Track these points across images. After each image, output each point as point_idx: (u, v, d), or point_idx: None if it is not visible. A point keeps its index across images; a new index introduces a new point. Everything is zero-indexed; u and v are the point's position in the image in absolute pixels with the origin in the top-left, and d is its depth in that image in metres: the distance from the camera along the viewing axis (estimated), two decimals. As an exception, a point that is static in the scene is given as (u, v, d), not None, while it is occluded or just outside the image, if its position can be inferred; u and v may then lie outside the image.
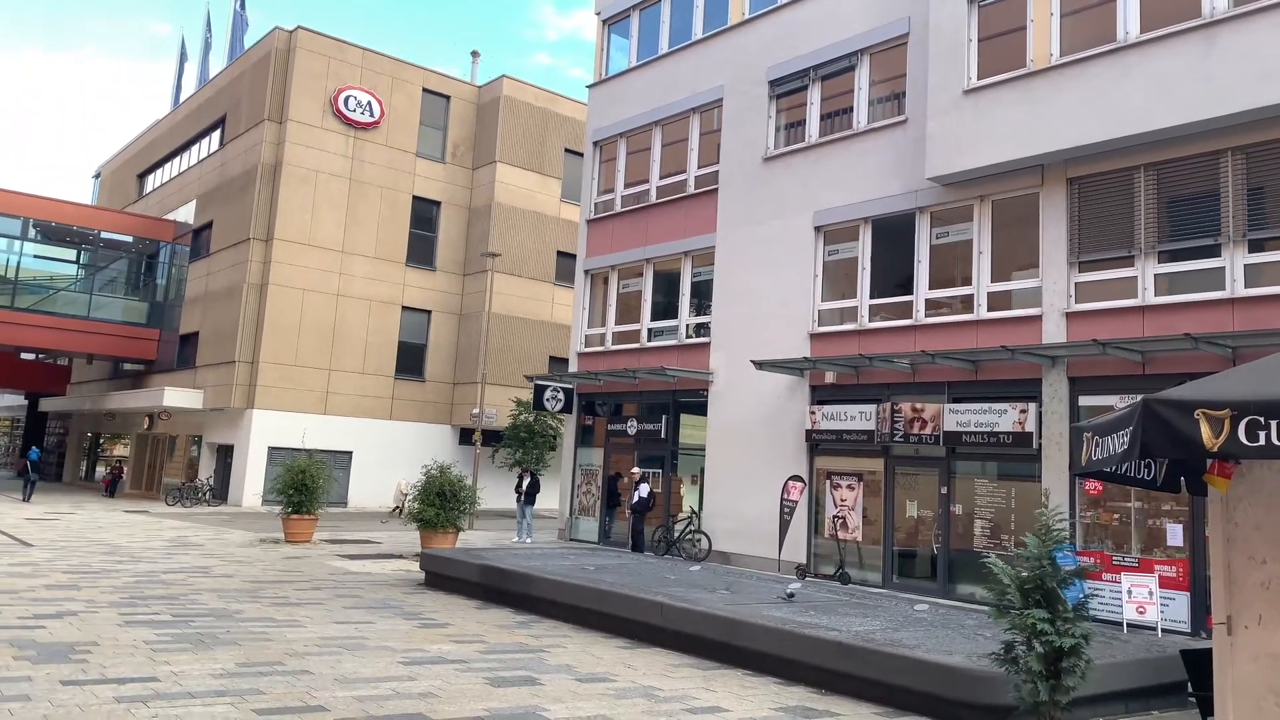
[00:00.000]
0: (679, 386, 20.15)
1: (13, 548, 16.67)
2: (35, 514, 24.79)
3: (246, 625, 10.17)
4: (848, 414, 16.51)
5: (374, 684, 7.78)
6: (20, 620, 9.78)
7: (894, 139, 16.87)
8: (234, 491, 31.07)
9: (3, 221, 34.87)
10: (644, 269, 21.82)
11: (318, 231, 32.11)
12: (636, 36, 23.50)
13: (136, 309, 37.69)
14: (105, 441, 43.26)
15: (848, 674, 8.36)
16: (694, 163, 21.17)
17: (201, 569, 14.89)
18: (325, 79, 32.66)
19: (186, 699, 6.97)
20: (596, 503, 22.20)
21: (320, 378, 31.88)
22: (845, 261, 17.62)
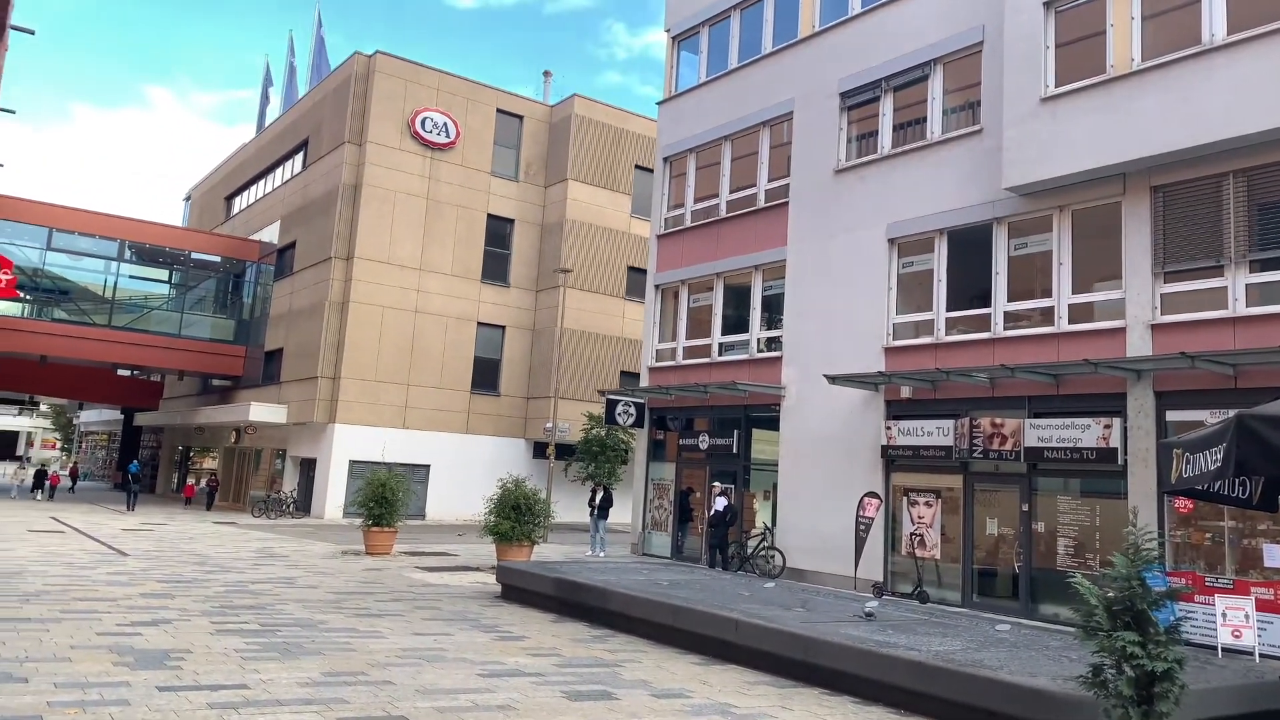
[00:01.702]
0: (750, 401, 20.09)
1: (111, 557, 17.40)
2: (130, 524, 25.82)
3: (330, 635, 10.44)
4: (924, 429, 16.26)
5: (453, 695, 7.93)
6: (118, 627, 10.20)
7: (969, 149, 16.62)
8: (316, 504, 31.91)
9: (101, 244, 36.54)
10: (714, 283, 21.84)
11: (396, 250, 32.91)
12: (706, 52, 23.61)
13: (224, 326, 39.10)
14: (195, 454, 44.84)
15: (928, 694, 8.23)
16: (764, 176, 21.15)
17: (286, 580, 15.34)
18: (403, 101, 33.52)
19: (275, 706, 7.19)
20: (669, 517, 22.21)
21: (399, 392, 32.60)
22: (920, 274, 17.39)
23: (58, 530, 22.87)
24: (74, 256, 36.31)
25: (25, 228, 34.74)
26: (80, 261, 36.53)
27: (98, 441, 62.06)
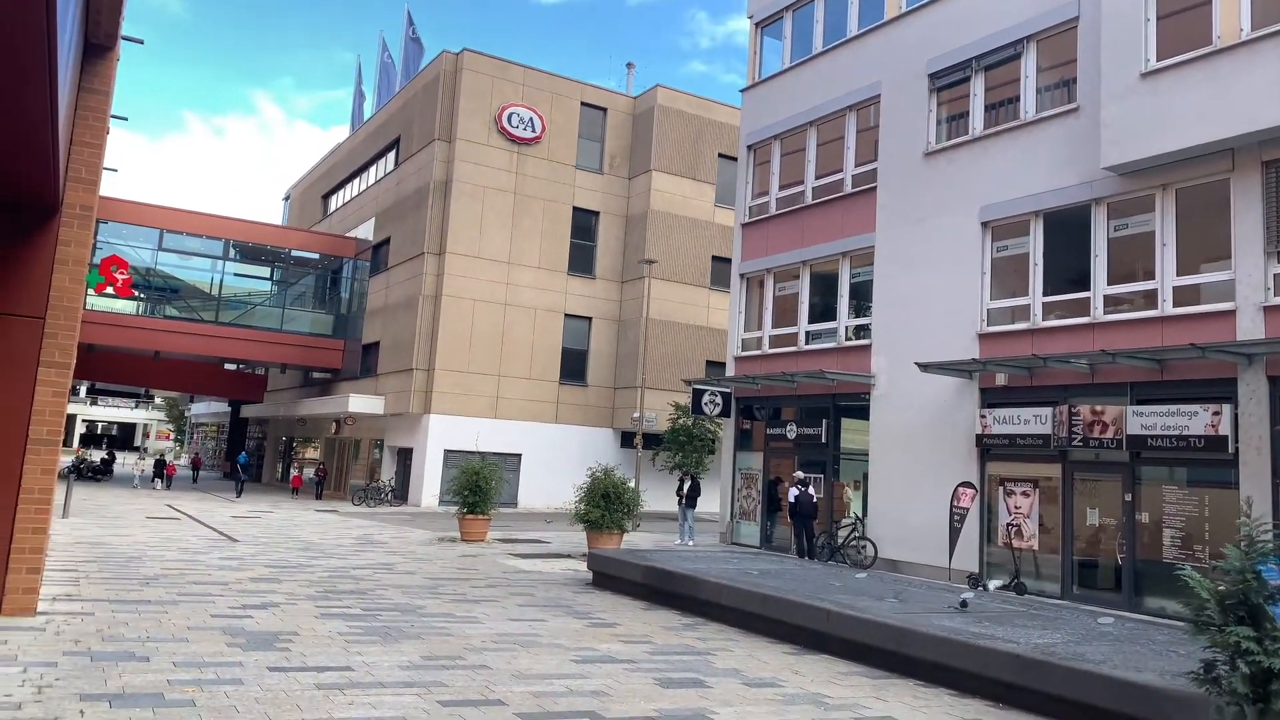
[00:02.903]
0: (839, 390, 19.89)
1: (222, 543, 18.26)
2: (240, 512, 27.01)
3: (428, 620, 10.78)
4: (1021, 417, 15.87)
5: (548, 680, 8.12)
6: (231, 610, 10.72)
7: (1065, 128, 16.10)
8: (413, 492, 32.84)
9: (208, 243, 38.19)
10: (800, 271, 21.66)
11: (486, 244, 33.55)
12: (790, 37, 23.37)
13: (323, 321, 40.47)
14: (298, 445, 46.55)
15: (1027, 688, 8.08)
16: (851, 161, 20.86)
17: (386, 566, 15.86)
18: (490, 98, 34.09)
19: (378, 688, 7.49)
20: (757, 507, 22.18)
21: (490, 383, 33.27)
22: (1015, 258, 16.95)
23: (173, 517, 24.08)
24: (183, 256, 38.03)
25: (139, 230, 36.54)
26: (189, 261, 38.25)
27: (208, 433, 64.99)
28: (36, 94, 6.06)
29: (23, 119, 6.65)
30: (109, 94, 10.03)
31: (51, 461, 9.45)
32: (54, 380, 9.47)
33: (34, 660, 7.61)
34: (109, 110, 10.19)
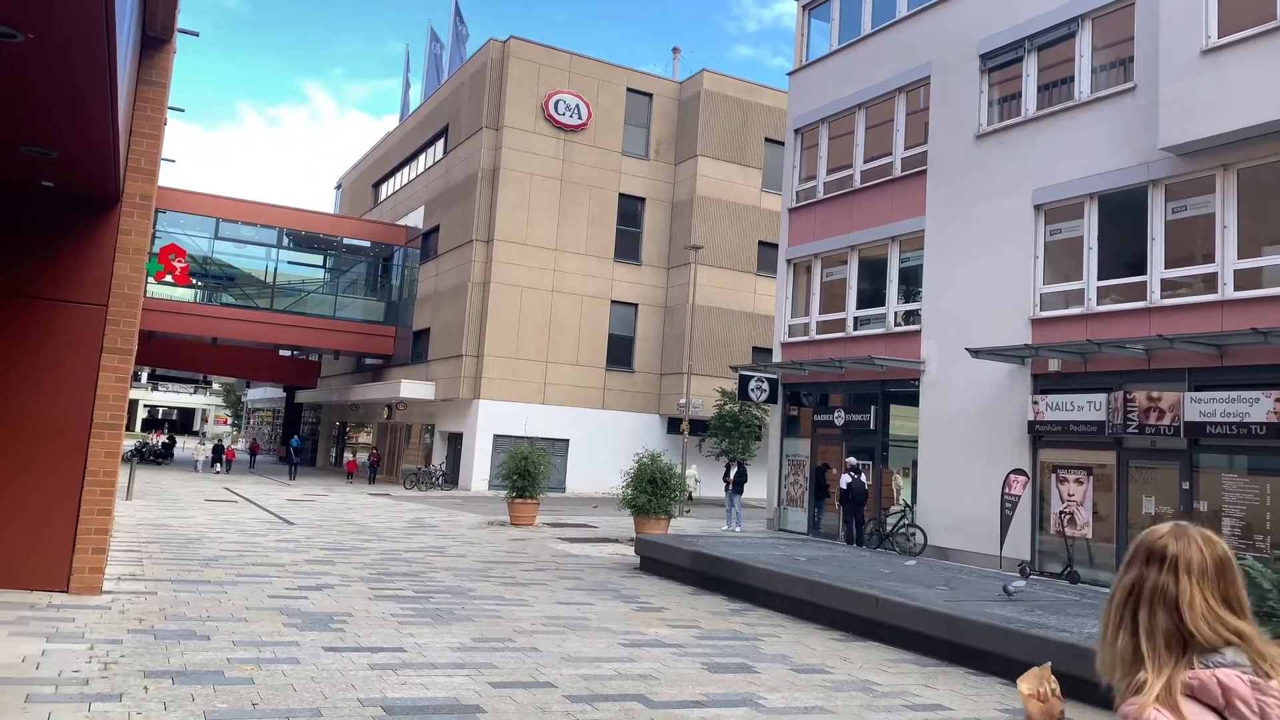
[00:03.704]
0: (888, 376, 19.70)
1: (279, 526, 18.68)
2: (295, 495, 27.58)
3: (479, 603, 10.94)
4: (1075, 404, 15.60)
5: (596, 663, 8.20)
6: (287, 591, 10.98)
7: (1121, 108, 15.72)
8: (464, 476, 33.25)
9: (262, 232, 38.91)
10: (848, 256, 21.45)
11: (533, 231, 33.73)
12: (838, 19, 23.08)
13: (375, 308, 41.06)
14: (351, 430, 47.36)
15: (1081, 679, 7.97)
16: (900, 144, 20.58)
17: (437, 549, 16.11)
18: (536, 85, 34.18)
19: (430, 669, 7.63)
20: (804, 493, 22.10)
21: (538, 370, 33.51)
22: (1069, 241, 16.62)
23: (231, 500, 24.67)
24: (239, 245, 38.79)
25: (196, 219, 37.34)
26: (244, 249, 39.01)
27: (264, 418, 66.34)
28: (97, 87, 6.22)
29: (84, 111, 6.84)
30: (166, 86, 10.25)
31: (115, 445, 9.74)
32: (116, 366, 9.75)
33: (100, 638, 7.87)
34: (166, 102, 10.41)
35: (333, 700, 6.51)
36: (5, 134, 7.77)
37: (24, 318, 9.48)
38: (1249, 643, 1.70)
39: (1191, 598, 1.74)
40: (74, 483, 9.48)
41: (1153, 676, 1.70)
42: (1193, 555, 1.77)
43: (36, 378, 9.45)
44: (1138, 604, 1.79)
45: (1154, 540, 1.83)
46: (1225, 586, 1.76)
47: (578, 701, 6.92)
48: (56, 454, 9.43)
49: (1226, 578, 1.76)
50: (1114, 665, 1.80)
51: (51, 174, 8.91)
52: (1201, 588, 1.75)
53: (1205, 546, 1.78)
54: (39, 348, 9.50)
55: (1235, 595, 1.76)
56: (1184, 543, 1.79)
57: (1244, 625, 1.73)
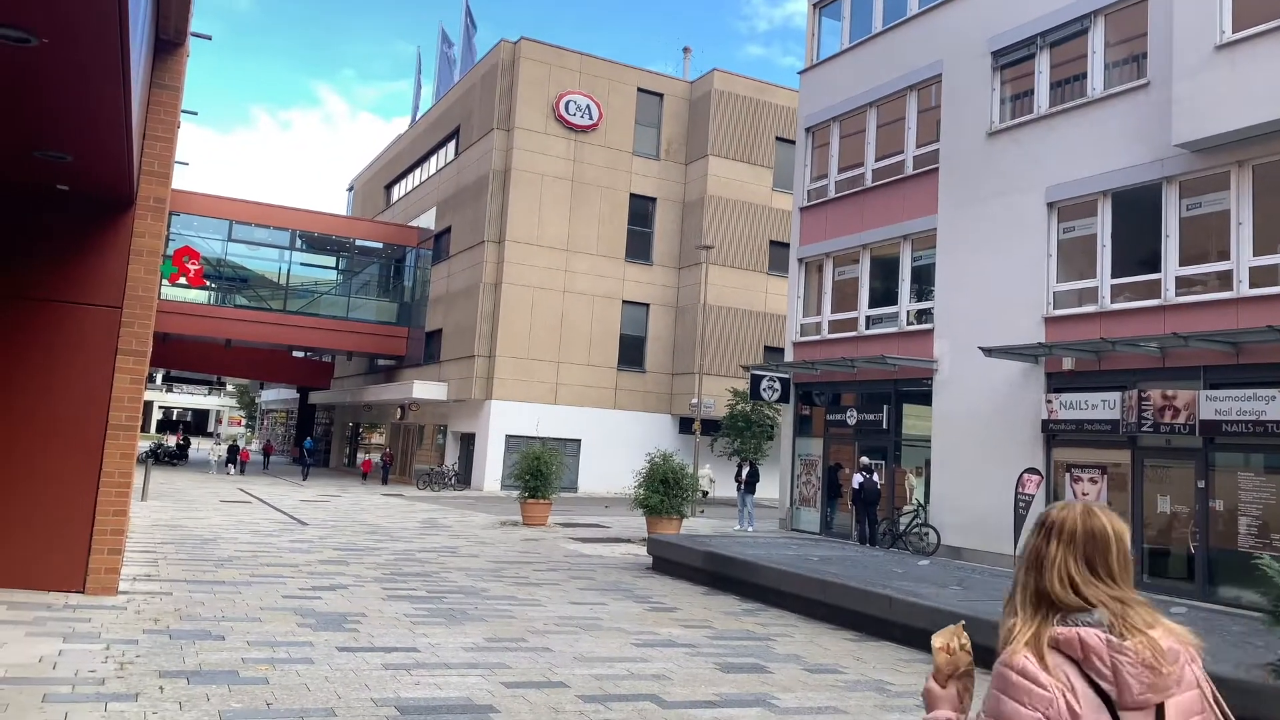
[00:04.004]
0: (900, 375, 19.64)
1: (292, 526, 18.75)
2: (308, 496, 27.70)
3: (492, 603, 10.96)
4: (1089, 402, 15.52)
5: (609, 663, 8.21)
6: (301, 591, 11.02)
7: (1134, 105, 15.63)
8: (476, 476, 33.33)
9: (275, 234, 39.09)
10: (860, 255, 21.40)
11: (544, 232, 33.78)
12: (848, 17, 23.03)
13: (387, 309, 41.20)
14: (364, 430, 47.53)
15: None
16: (911, 143, 20.52)
17: (450, 549, 16.15)
18: (547, 85, 34.23)
19: (443, 669, 7.64)
20: (817, 493, 22.06)
21: (550, 370, 33.57)
22: (1082, 239, 16.54)
23: (245, 501, 24.79)
24: (252, 247, 38.98)
25: (209, 221, 37.55)
26: (257, 251, 39.21)
27: (277, 419, 66.65)
28: (111, 91, 6.27)
29: (99, 114, 6.89)
30: (179, 89, 10.31)
31: (130, 446, 9.80)
32: (131, 368, 9.81)
33: (116, 638, 7.92)
34: (179, 105, 10.47)
35: (347, 700, 6.54)
36: (21, 138, 7.83)
37: (39, 320, 9.55)
38: (1113, 607, 1.88)
39: (1053, 560, 1.94)
40: (89, 484, 9.54)
41: (1022, 627, 1.92)
42: (1068, 524, 1.97)
43: (52, 380, 9.52)
44: (1025, 568, 2.01)
45: (1047, 512, 2.04)
46: (1094, 554, 1.92)
47: (591, 701, 6.92)
48: (72, 455, 9.50)
49: (1098, 547, 1.93)
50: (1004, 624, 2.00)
51: (66, 177, 8.97)
52: (1068, 553, 1.93)
53: (1085, 518, 1.97)
54: (54, 350, 9.57)
55: (1105, 564, 1.92)
56: (1067, 512, 1.99)
57: (1107, 591, 1.90)
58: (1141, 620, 1.89)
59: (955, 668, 2.10)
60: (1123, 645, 1.84)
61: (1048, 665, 1.84)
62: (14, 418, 9.36)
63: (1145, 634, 1.86)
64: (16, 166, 8.76)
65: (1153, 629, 1.88)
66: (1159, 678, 1.83)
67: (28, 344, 9.48)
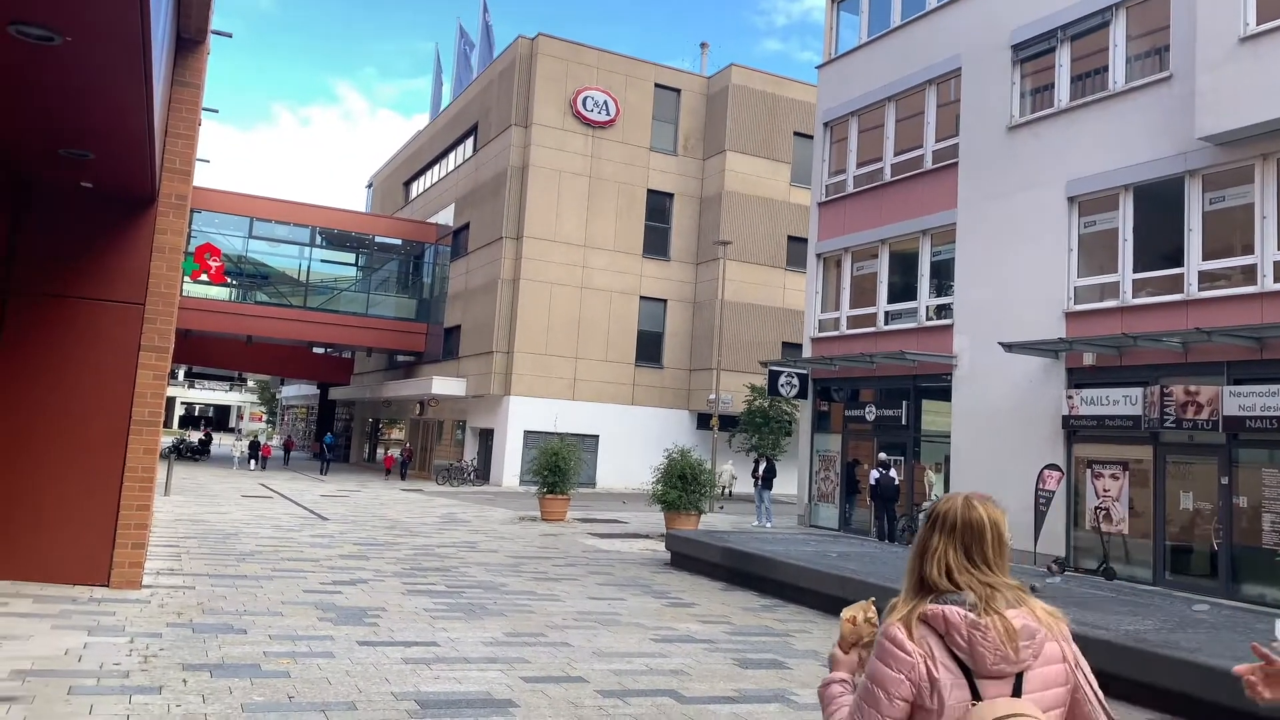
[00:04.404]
0: (919, 371, 19.55)
1: (313, 521, 18.88)
2: (329, 491, 27.88)
3: (511, 598, 11.00)
4: (1110, 398, 15.39)
5: (628, 659, 8.22)
6: (322, 585, 11.09)
7: (1157, 98, 15.48)
8: (495, 472, 33.44)
9: (295, 231, 39.33)
10: (879, 250, 21.31)
11: (562, 228, 33.82)
12: (867, 11, 22.92)
13: (406, 305, 41.39)
14: (384, 426, 47.79)
15: (1117, 675, 7.88)
16: (930, 137, 20.40)
17: (469, 544, 16.22)
18: (565, 82, 34.25)
19: (463, 663, 7.68)
20: (835, 489, 22.00)
21: (568, 366, 33.62)
22: (1103, 233, 16.40)
23: (266, 496, 24.98)
24: (272, 243, 39.24)
25: (230, 218, 37.82)
26: (278, 248, 39.46)
27: (298, 414, 67.10)
28: (133, 89, 6.32)
29: (121, 113, 6.95)
30: (200, 87, 10.39)
31: (153, 442, 9.90)
32: (154, 364, 9.90)
33: (140, 631, 8.01)
34: (200, 103, 10.54)
35: (367, 694, 6.58)
36: (44, 136, 7.91)
37: (64, 317, 9.66)
38: (980, 590, 2.13)
39: (934, 549, 2.20)
40: (114, 479, 9.64)
41: (901, 605, 2.20)
42: (949, 516, 2.22)
43: (76, 376, 9.62)
44: (913, 556, 2.27)
45: (934, 505, 2.28)
46: (971, 543, 2.18)
47: (609, 696, 6.94)
48: (96, 451, 9.60)
49: (975, 536, 2.18)
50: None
51: (89, 175, 9.06)
52: (948, 543, 2.19)
53: (965, 510, 2.21)
54: (78, 346, 9.67)
55: (981, 551, 2.17)
56: (950, 504, 2.24)
57: (979, 577, 2.15)
58: (1004, 602, 2.13)
59: (859, 637, 2.36)
60: (979, 623, 2.09)
61: (913, 636, 2.12)
62: (40, 414, 9.47)
63: (1002, 614, 2.11)
64: (41, 164, 8.86)
65: (1014, 610, 2.13)
66: (1011, 652, 2.08)
67: (53, 341, 9.59)
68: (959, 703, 2.09)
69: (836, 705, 2.26)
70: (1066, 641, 2.20)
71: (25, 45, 5.47)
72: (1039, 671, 2.14)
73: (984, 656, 2.09)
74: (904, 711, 2.11)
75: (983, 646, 2.09)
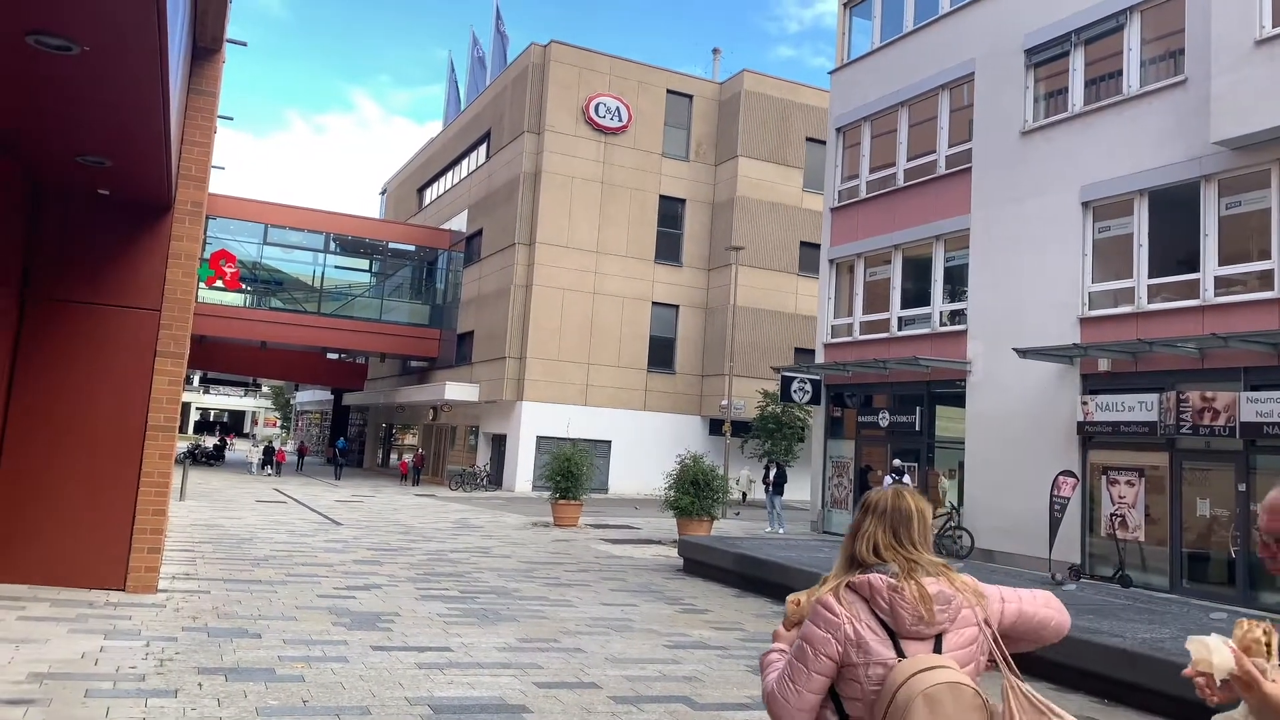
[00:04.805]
0: (933, 377, 19.49)
1: (327, 526, 18.95)
2: (343, 496, 27.97)
3: (524, 603, 11.01)
4: (1125, 404, 15.31)
5: (641, 665, 8.22)
6: (336, 590, 11.13)
7: (1172, 102, 15.41)
8: (508, 477, 33.49)
9: (309, 237, 39.53)
10: (892, 255, 21.26)
11: (574, 234, 33.88)
12: (879, 17, 22.90)
13: (420, 311, 41.53)
14: (397, 431, 47.91)
15: (1134, 685, 7.83)
16: (944, 142, 20.36)
17: (482, 549, 16.24)
18: (577, 88, 34.34)
19: (476, 669, 7.69)
20: (849, 495, 21.94)
21: (580, 371, 33.66)
22: (1118, 239, 16.32)
23: (280, 501, 25.08)
24: (286, 250, 39.46)
25: (245, 225, 38.05)
26: (292, 254, 39.67)
27: (312, 420, 67.36)
28: (150, 97, 6.38)
29: (138, 121, 7.02)
30: (216, 95, 10.47)
31: (169, 447, 9.96)
32: (170, 370, 9.96)
33: (156, 635, 8.05)
34: (216, 110, 10.62)
35: (381, 699, 6.60)
36: (63, 144, 7.99)
37: (81, 323, 9.74)
38: (903, 564, 2.38)
39: (865, 531, 2.47)
40: (130, 484, 9.70)
41: (832, 579, 2.47)
42: (880, 504, 2.49)
43: (93, 381, 9.70)
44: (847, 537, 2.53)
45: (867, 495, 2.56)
46: (898, 526, 2.44)
47: (623, 703, 6.94)
48: (113, 456, 9.66)
49: (902, 520, 2.45)
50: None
51: (106, 182, 9.15)
52: (878, 526, 2.46)
53: (895, 499, 2.48)
54: (95, 352, 9.74)
55: (908, 533, 2.43)
56: (881, 495, 2.52)
57: (904, 553, 2.40)
58: (924, 572, 2.37)
59: (800, 617, 2.54)
60: (899, 587, 2.33)
61: (842, 600, 2.36)
62: (57, 420, 9.55)
63: (920, 581, 2.35)
64: (59, 172, 8.95)
65: (931, 578, 2.36)
66: (925, 613, 2.31)
67: (70, 346, 9.67)
68: (884, 660, 2.30)
69: (773, 668, 2.48)
70: (983, 610, 2.43)
71: (44, 55, 5.53)
72: (955, 635, 2.37)
73: (903, 617, 2.31)
74: (829, 668, 2.33)
75: (902, 608, 2.31)
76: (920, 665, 2.27)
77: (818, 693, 2.34)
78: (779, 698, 2.37)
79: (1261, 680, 1.99)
